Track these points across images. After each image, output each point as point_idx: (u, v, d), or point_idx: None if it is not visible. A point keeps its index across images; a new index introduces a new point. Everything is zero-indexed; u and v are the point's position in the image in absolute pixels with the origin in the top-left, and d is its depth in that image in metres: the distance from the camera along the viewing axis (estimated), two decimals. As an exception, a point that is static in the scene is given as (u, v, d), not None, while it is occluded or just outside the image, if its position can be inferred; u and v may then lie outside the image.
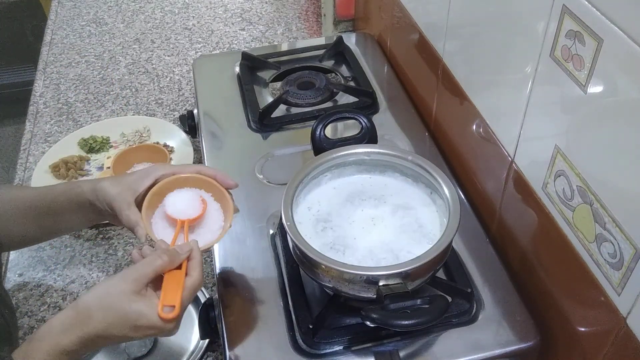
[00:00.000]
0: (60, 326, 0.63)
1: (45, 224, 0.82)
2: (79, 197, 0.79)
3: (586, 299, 0.66)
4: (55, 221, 0.82)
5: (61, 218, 0.81)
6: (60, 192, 0.81)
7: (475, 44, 0.85)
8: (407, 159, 0.80)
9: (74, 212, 0.80)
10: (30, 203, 0.81)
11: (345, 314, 0.74)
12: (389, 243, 0.74)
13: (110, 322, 0.63)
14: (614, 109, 0.57)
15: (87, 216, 0.81)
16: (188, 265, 0.68)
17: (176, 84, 1.42)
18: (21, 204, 0.81)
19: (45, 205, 0.81)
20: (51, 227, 0.83)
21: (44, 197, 0.82)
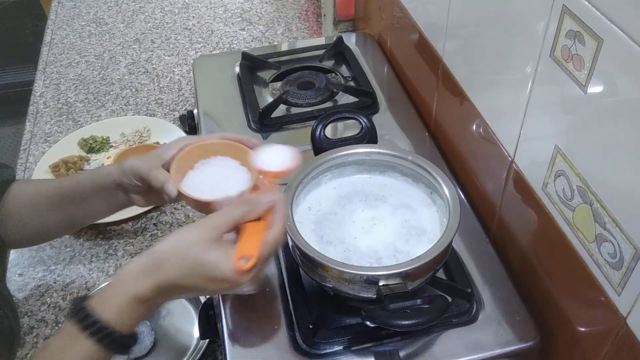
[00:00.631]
0: (136, 272, 0.61)
1: (70, 213, 0.81)
2: (105, 179, 0.78)
3: (586, 299, 0.66)
4: (80, 208, 0.81)
5: (86, 205, 0.81)
6: (85, 177, 0.81)
7: (475, 44, 0.85)
8: (407, 159, 0.80)
9: (99, 197, 0.80)
10: (53, 193, 0.81)
11: (345, 314, 0.74)
12: (389, 243, 0.74)
13: (185, 271, 0.60)
14: (614, 109, 0.57)
15: (112, 200, 0.80)
16: (270, 218, 0.64)
17: (176, 84, 1.42)
18: (43, 196, 0.81)
19: (69, 193, 0.80)
20: (75, 216, 0.82)
21: (68, 185, 0.81)
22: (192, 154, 0.76)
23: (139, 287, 0.60)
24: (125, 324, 0.61)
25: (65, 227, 0.85)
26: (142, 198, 0.80)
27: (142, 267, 0.61)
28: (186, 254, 0.61)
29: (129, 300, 0.60)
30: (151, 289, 0.61)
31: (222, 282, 0.61)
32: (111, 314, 0.60)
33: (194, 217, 1.08)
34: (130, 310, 0.61)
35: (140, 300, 0.61)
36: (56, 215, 0.81)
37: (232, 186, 0.73)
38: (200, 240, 0.61)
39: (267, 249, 0.62)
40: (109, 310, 0.60)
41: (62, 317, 0.92)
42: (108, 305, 0.60)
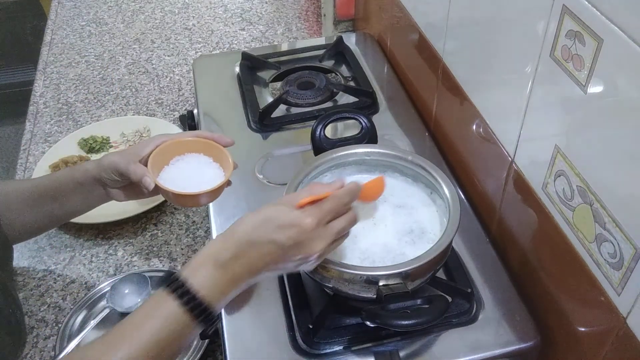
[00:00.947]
0: (221, 237, 0.64)
1: (50, 209, 0.83)
2: (84, 175, 0.81)
3: (586, 299, 0.66)
4: (60, 205, 0.83)
5: (66, 200, 0.83)
6: (64, 174, 0.83)
7: (475, 44, 0.85)
8: (407, 159, 0.80)
9: (79, 192, 0.82)
10: (33, 190, 0.83)
11: (345, 314, 0.74)
12: (389, 243, 0.74)
13: (255, 225, 0.63)
14: (614, 109, 0.57)
15: (90, 195, 0.83)
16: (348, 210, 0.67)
17: (176, 84, 1.42)
18: (22, 193, 0.83)
19: (49, 189, 0.82)
20: (56, 212, 0.84)
21: (47, 182, 0.83)
22: (167, 150, 0.79)
23: (218, 250, 0.63)
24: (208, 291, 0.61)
25: (45, 224, 0.87)
26: (121, 192, 0.82)
27: (223, 234, 0.64)
28: (258, 213, 0.64)
29: (210, 264, 0.62)
30: (228, 251, 0.62)
31: (290, 227, 0.62)
32: (196, 277, 0.61)
33: (194, 217, 1.08)
34: (211, 275, 0.62)
35: (218, 263, 0.62)
36: (34, 213, 0.83)
37: (206, 180, 0.76)
38: (274, 203, 0.65)
39: (327, 202, 0.64)
40: (194, 274, 0.62)
41: (62, 317, 0.92)
42: (192, 269, 0.62)
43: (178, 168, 0.78)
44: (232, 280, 0.63)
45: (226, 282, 0.62)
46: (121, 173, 0.77)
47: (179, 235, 1.05)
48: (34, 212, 0.83)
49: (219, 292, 0.62)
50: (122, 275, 0.96)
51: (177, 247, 1.03)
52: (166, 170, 0.78)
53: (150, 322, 0.60)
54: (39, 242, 1.05)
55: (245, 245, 0.63)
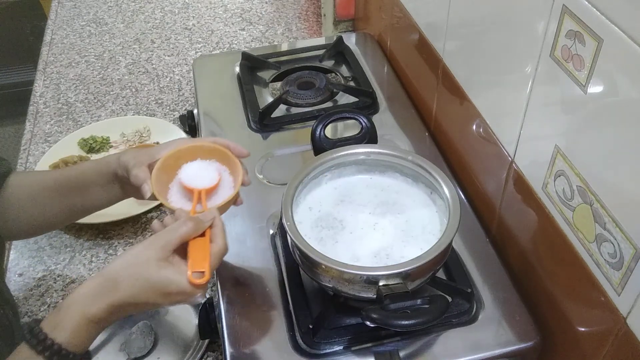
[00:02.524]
0: (88, 294, 0.63)
1: (73, 202, 0.83)
2: (107, 168, 0.80)
3: (586, 299, 0.66)
4: (82, 198, 0.82)
5: (89, 193, 0.82)
6: (89, 166, 0.83)
7: (475, 44, 0.85)
8: (407, 159, 0.80)
9: (102, 186, 0.82)
10: (54, 183, 0.82)
11: (345, 314, 0.74)
12: (389, 243, 0.74)
13: (138, 290, 0.63)
14: (614, 109, 0.57)
15: (112, 190, 0.82)
16: (211, 232, 0.68)
17: (176, 84, 1.42)
18: (45, 185, 0.82)
19: (72, 181, 0.82)
20: (78, 204, 0.83)
21: (71, 174, 0.83)
22: (178, 156, 0.77)
23: (93, 308, 0.63)
24: (80, 344, 0.63)
25: (65, 217, 0.86)
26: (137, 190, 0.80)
27: (95, 289, 0.64)
28: (139, 274, 0.63)
29: (83, 321, 0.62)
30: (105, 309, 0.63)
31: (177, 295, 0.64)
32: (65, 336, 0.62)
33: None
34: (85, 331, 0.63)
35: (94, 321, 0.63)
36: (56, 205, 0.82)
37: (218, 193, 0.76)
38: (152, 259, 0.64)
39: (214, 263, 0.67)
40: (64, 333, 0.62)
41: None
42: (63, 327, 0.62)
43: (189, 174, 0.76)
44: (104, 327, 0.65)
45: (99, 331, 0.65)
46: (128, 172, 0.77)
47: (179, 235, 1.05)
48: (56, 205, 0.82)
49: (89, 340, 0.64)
50: (122, 275, 0.96)
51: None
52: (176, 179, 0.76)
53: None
54: (39, 242, 1.05)
55: (124, 305, 0.64)
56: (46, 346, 0.61)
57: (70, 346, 0.62)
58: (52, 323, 0.63)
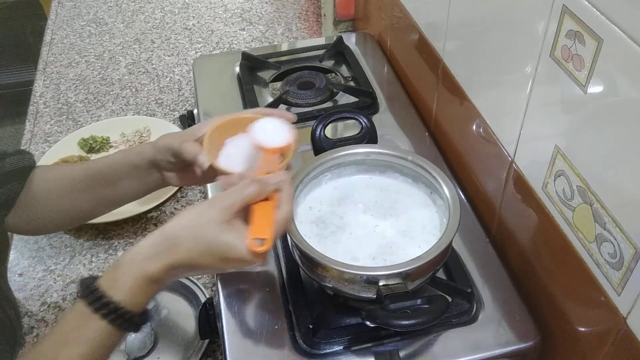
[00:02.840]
0: (147, 252, 0.61)
1: (102, 194, 0.81)
2: (139, 157, 0.78)
3: (586, 299, 0.66)
4: (112, 190, 0.81)
5: (119, 185, 0.81)
6: (119, 157, 0.81)
7: (475, 44, 0.85)
8: (407, 159, 0.80)
9: (133, 176, 0.80)
10: (83, 175, 0.81)
11: (345, 314, 0.74)
12: (389, 243, 0.74)
13: (199, 252, 0.61)
14: (614, 109, 0.57)
15: (146, 179, 0.80)
16: (278, 197, 0.64)
17: (176, 84, 1.42)
18: (73, 178, 0.81)
19: (102, 173, 0.80)
20: (108, 197, 0.82)
21: (101, 166, 0.81)
22: (225, 129, 0.75)
23: (151, 267, 0.61)
24: (137, 303, 0.61)
25: (96, 209, 0.84)
26: (176, 176, 0.79)
27: (154, 248, 0.62)
28: (200, 235, 0.61)
29: (140, 280, 0.61)
30: (163, 269, 0.61)
31: (235, 261, 0.61)
32: (123, 295, 0.60)
33: (194, 217, 1.08)
34: (142, 290, 0.61)
35: (151, 280, 0.61)
36: (86, 197, 0.81)
37: None
38: (214, 221, 0.61)
39: (278, 230, 0.63)
40: (121, 291, 0.60)
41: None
42: (119, 285, 0.60)
43: (236, 147, 0.74)
44: (161, 287, 0.63)
45: (155, 291, 0.63)
46: (175, 153, 0.75)
47: (179, 235, 1.05)
48: (84, 198, 0.81)
49: (148, 300, 0.62)
50: (122, 275, 0.96)
51: (177, 247, 1.03)
52: (223, 151, 0.74)
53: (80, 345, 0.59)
54: (39, 242, 1.05)
55: (182, 266, 0.62)
56: (102, 304, 0.59)
57: (127, 305, 0.60)
58: (109, 281, 0.61)
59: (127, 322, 0.60)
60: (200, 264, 0.62)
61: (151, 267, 0.61)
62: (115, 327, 0.60)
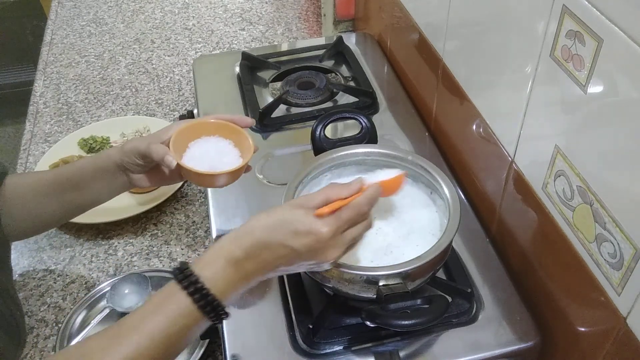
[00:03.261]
0: (230, 236, 0.63)
1: (70, 198, 0.83)
2: (106, 161, 0.81)
3: (586, 299, 0.66)
4: (80, 194, 0.83)
5: (87, 189, 0.83)
6: (87, 162, 0.84)
7: (475, 44, 0.85)
8: (407, 159, 0.80)
9: (101, 180, 0.82)
10: (53, 181, 0.83)
11: (345, 314, 0.74)
12: (389, 243, 0.74)
13: (270, 228, 0.62)
14: (614, 109, 0.57)
15: (113, 182, 0.83)
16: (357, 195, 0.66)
17: (176, 84, 1.42)
18: (41, 184, 0.83)
19: (69, 178, 0.83)
20: (76, 200, 0.84)
21: (68, 171, 0.84)
22: (188, 133, 0.80)
23: (235, 249, 0.62)
24: (219, 287, 0.62)
25: (66, 213, 0.87)
26: (144, 177, 0.82)
27: (235, 233, 0.64)
28: (273, 213, 0.64)
29: (222, 261, 0.62)
30: (242, 249, 0.62)
31: (306, 235, 0.62)
32: (207, 273, 0.62)
33: (194, 217, 1.08)
34: (224, 272, 0.62)
35: (231, 261, 0.62)
36: (56, 202, 0.83)
37: (226, 162, 0.77)
38: (290, 204, 0.65)
39: (346, 211, 0.63)
40: (206, 270, 0.62)
41: (62, 317, 0.92)
42: (204, 264, 0.62)
43: (199, 149, 0.79)
44: (243, 278, 0.63)
45: (237, 279, 0.63)
46: (143, 155, 0.78)
47: (179, 235, 1.05)
48: (54, 203, 0.83)
49: (230, 289, 0.62)
50: (122, 275, 0.96)
51: (177, 247, 1.03)
52: (187, 153, 0.79)
53: (160, 316, 0.60)
54: (39, 242, 1.05)
55: (259, 246, 0.62)
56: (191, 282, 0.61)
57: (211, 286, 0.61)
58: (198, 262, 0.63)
59: (209, 305, 0.61)
60: (273, 242, 0.62)
61: (232, 248, 0.62)
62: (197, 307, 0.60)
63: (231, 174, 0.76)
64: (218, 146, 0.80)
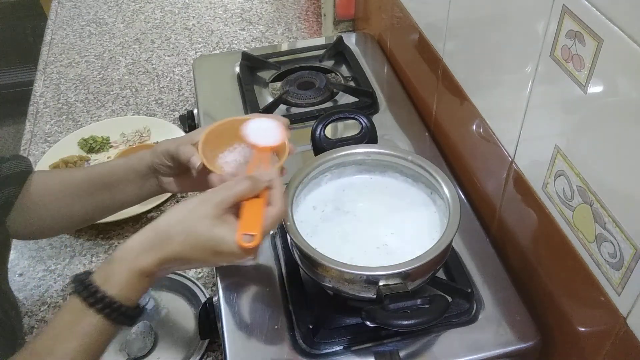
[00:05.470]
0: (139, 247, 0.62)
1: (100, 199, 0.82)
2: (139, 162, 0.80)
3: (586, 299, 0.66)
4: (110, 195, 0.82)
5: (118, 190, 0.82)
6: (120, 162, 0.83)
7: (475, 44, 0.85)
8: (407, 159, 0.80)
9: (131, 181, 0.81)
10: (83, 180, 0.82)
11: (345, 314, 0.74)
12: (389, 243, 0.74)
13: (191, 246, 0.62)
14: (614, 109, 0.57)
15: (144, 185, 0.81)
16: (269, 194, 0.65)
17: (176, 84, 1.42)
18: (72, 183, 0.82)
19: (101, 178, 0.81)
20: (105, 202, 0.83)
21: (100, 171, 0.83)
22: (222, 131, 0.75)
23: (143, 262, 0.62)
24: (131, 297, 0.62)
25: (95, 213, 0.86)
26: (174, 181, 0.80)
27: (146, 242, 0.63)
28: (191, 230, 0.62)
29: (133, 275, 0.62)
30: (155, 263, 0.62)
31: (227, 256, 0.62)
32: (118, 289, 0.61)
33: (194, 217, 1.08)
34: (135, 284, 0.62)
35: (144, 274, 0.62)
36: (84, 202, 0.82)
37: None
38: (206, 217, 0.62)
39: (268, 225, 0.63)
40: (115, 286, 0.61)
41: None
42: (113, 280, 0.61)
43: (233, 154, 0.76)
44: (150, 282, 0.64)
45: (149, 284, 0.63)
46: (172, 156, 0.76)
47: (179, 235, 1.05)
48: (84, 202, 0.82)
49: (142, 293, 0.63)
50: (122, 275, 0.96)
51: (177, 247, 1.03)
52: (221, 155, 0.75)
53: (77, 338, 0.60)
54: (39, 242, 1.05)
55: (175, 259, 0.62)
56: (97, 299, 0.60)
57: (122, 299, 0.61)
58: (103, 276, 0.62)
59: (122, 316, 0.61)
60: (191, 258, 0.63)
61: (143, 262, 0.62)
62: (110, 322, 0.61)
63: None
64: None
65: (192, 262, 0.64)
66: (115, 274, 0.62)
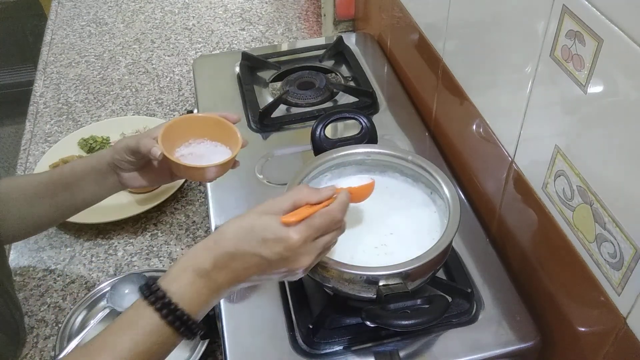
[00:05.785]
0: (198, 248, 0.62)
1: (61, 199, 0.84)
2: (99, 160, 0.82)
3: (586, 299, 0.66)
4: (71, 194, 0.83)
5: (78, 190, 0.83)
6: (81, 162, 0.84)
7: (475, 44, 0.85)
8: (407, 159, 0.80)
9: (91, 180, 0.83)
10: (45, 182, 0.83)
11: (345, 314, 0.74)
12: (389, 243, 0.74)
13: (239, 238, 0.61)
14: (614, 109, 0.57)
15: (104, 182, 0.83)
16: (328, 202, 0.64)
17: (176, 84, 1.42)
18: (34, 186, 0.83)
19: (61, 179, 0.83)
20: (66, 202, 0.84)
21: (61, 172, 0.84)
22: (178, 127, 0.80)
23: (202, 261, 0.61)
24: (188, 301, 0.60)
25: (59, 214, 0.87)
26: (134, 176, 0.82)
27: (204, 243, 0.63)
28: (240, 223, 0.62)
29: (190, 273, 0.61)
30: (210, 261, 0.61)
31: (275, 243, 0.60)
32: (175, 287, 0.60)
33: (194, 217, 1.08)
34: (192, 285, 0.61)
35: (199, 273, 0.61)
36: (48, 203, 0.83)
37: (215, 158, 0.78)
38: (257, 211, 0.63)
39: (318, 219, 0.62)
40: (173, 284, 0.61)
41: (62, 317, 0.92)
42: (171, 279, 0.61)
43: (189, 148, 0.81)
44: (213, 289, 0.62)
45: (208, 292, 0.61)
46: (133, 150, 0.78)
47: (179, 235, 1.05)
48: (46, 204, 0.83)
49: (201, 302, 0.61)
50: (122, 275, 0.96)
51: (177, 247, 1.03)
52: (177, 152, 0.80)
53: (131, 334, 0.59)
54: (39, 242, 1.05)
55: (228, 257, 0.61)
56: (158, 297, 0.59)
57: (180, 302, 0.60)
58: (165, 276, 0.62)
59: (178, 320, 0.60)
60: (244, 250, 0.61)
61: (200, 259, 0.61)
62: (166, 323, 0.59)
63: (218, 168, 0.77)
64: (207, 146, 0.81)
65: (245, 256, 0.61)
66: (174, 273, 0.61)
